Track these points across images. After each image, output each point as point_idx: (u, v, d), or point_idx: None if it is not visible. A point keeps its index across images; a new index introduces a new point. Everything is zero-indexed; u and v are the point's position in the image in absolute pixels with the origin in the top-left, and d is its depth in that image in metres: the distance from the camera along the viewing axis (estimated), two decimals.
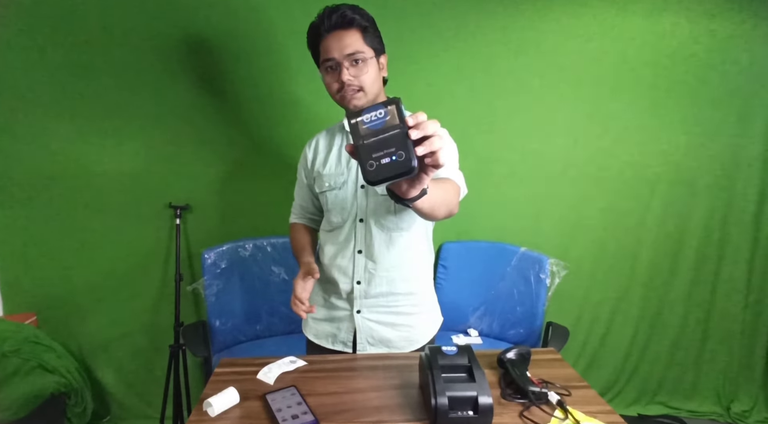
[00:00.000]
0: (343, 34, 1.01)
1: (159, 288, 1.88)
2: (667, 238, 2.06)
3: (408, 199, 0.73)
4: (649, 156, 1.98)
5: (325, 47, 1.03)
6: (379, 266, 1.11)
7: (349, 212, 1.11)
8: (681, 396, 2.17)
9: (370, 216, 1.10)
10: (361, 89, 1.03)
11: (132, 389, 1.93)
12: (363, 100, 1.04)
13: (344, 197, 1.11)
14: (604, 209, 2.01)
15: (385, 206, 1.10)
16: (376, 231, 1.10)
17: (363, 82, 1.02)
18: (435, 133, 0.62)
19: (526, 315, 1.83)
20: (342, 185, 1.11)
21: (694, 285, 2.09)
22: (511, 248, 1.90)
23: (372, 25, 1.05)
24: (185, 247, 1.86)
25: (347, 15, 1.01)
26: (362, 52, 1.02)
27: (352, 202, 1.11)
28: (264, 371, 1.02)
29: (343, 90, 1.03)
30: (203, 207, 1.85)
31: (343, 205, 1.11)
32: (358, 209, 1.11)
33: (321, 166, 1.14)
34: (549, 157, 1.95)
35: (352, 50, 1.01)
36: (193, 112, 1.77)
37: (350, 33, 1.01)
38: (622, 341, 2.13)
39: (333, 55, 1.02)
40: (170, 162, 1.80)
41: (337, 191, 1.11)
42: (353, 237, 1.12)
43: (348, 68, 1.02)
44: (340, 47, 1.01)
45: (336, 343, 1.18)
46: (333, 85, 1.04)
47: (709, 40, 1.87)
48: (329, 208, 1.13)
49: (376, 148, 0.62)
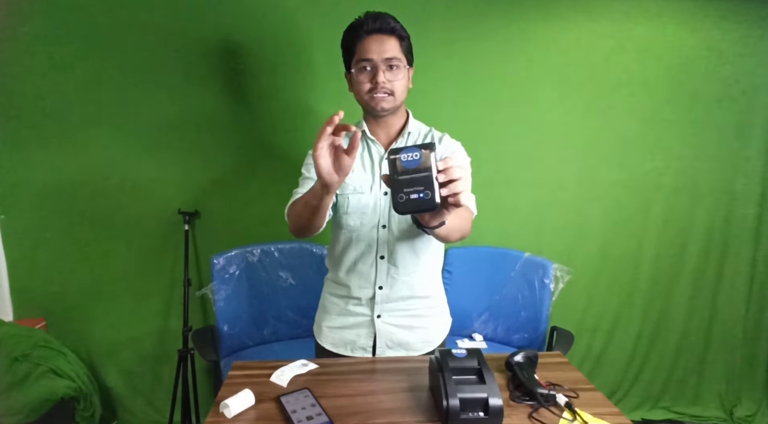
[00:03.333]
0: (383, 39, 1.07)
1: (167, 293, 1.91)
2: (669, 244, 2.08)
3: (429, 227, 0.86)
4: (650, 163, 2.01)
5: (363, 47, 1.07)
6: (401, 271, 1.15)
7: (370, 217, 1.14)
8: (684, 401, 2.18)
9: (394, 223, 1.13)
10: (392, 94, 1.08)
11: (139, 393, 1.95)
12: (391, 104, 1.09)
13: (367, 202, 1.14)
14: (606, 215, 2.04)
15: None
16: (400, 237, 1.13)
17: (395, 87, 1.08)
18: (459, 178, 0.73)
19: (530, 320, 1.85)
20: (366, 190, 1.14)
21: (696, 291, 2.12)
22: (515, 253, 1.93)
23: (408, 38, 1.11)
24: (193, 253, 1.89)
25: (390, 22, 1.08)
26: (399, 59, 1.07)
27: (375, 208, 1.14)
28: (277, 374, 1.04)
29: (374, 90, 1.07)
30: (211, 213, 1.88)
31: (364, 210, 1.14)
32: (381, 215, 1.14)
33: None
34: (552, 165, 1.99)
35: (390, 55, 1.06)
36: (205, 121, 1.80)
37: (390, 39, 1.07)
38: (626, 347, 2.15)
39: (371, 56, 1.06)
40: (180, 170, 1.83)
41: (360, 195, 1.13)
42: (375, 242, 1.15)
43: (384, 71, 1.07)
44: (379, 50, 1.06)
45: (356, 350, 1.20)
46: (365, 84, 1.08)
47: (708, 50, 1.91)
48: (349, 211, 1.14)
49: (407, 184, 0.73)
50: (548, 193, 2.01)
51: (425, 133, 1.20)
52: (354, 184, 1.14)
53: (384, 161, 1.16)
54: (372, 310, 1.18)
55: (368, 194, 1.14)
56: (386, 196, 1.15)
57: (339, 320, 1.21)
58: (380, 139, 1.17)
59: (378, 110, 1.10)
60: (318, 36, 1.77)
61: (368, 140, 1.17)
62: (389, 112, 1.13)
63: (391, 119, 1.16)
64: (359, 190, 1.14)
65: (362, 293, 1.17)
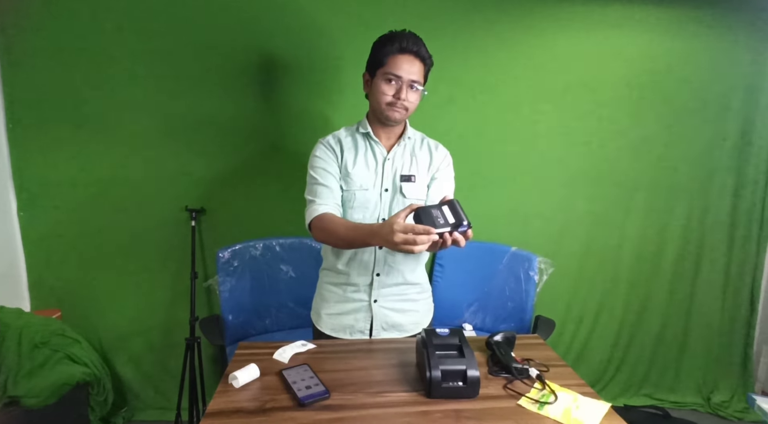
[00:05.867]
0: (414, 61, 1.20)
1: (174, 285, 2.01)
2: (648, 239, 2.20)
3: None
4: (632, 162, 2.13)
5: (395, 63, 1.19)
6: (397, 259, 1.29)
7: (372, 211, 1.27)
8: (664, 389, 2.29)
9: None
10: (407, 110, 1.23)
11: (149, 381, 2.06)
12: (403, 117, 1.24)
13: (369, 198, 1.27)
14: (588, 211, 2.16)
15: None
16: None
17: (410, 106, 1.23)
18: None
19: (516, 310, 1.97)
20: (370, 187, 1.26)
21: (675, 284, 2.23)
22: (502, 247, 2.04)
23: (432, 64, 1.26)
24: (199, 247, 2.00)
25: (423, 50, 1.21)
26: (420, 83, 1.23)
27: (376, 203, 1.27)
28: (279, 352, 1.15)
29: (394, 105, 1.21)
30: (216, 210, 1.99)
31: (367, 205, 1.27)
32: (381, 210, 1.27)
33: (350, 166, 1.26)
34: (538, 163, 2.10)
35: (416, 78, 1.21)
36: (209, 122, 1.91)
37: (419, 63, 1.21)
38: (608, 337, 2.26)
39: (400, 74, 1.19)
40: (187, 169, 1.93)
41: (364, 192, 1.26)
42: None
43: (407, 90, 1.20)
44: (409, 70, 1.20)
45: (354, 333, 1.32)
46: (387, 96, 1.21)
47: (682, 57, 2.03)
48: (354, 205, 1.26)
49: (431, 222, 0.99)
50: (534, 191, 2.12)
51: (420, 139, 1.35)
52: (360, 182, 1.27)
53: (387, 162, 1.29)
54: (369, 295, 1.30)
55: (371, 191, 1.27)
56: (387, 193, 1.28)
57: (338, 307, 1.32)
58: (383, 142, 1.30)
59: (391, 120, 1.24)
60: (346, 49, 1.88)
61: (372, 141, 1.30)
62: (397, 123, 1.28)
63: (395, 127, 1.30)
64: (364, 187, 1.26)
65: (361, 279, 1.29)
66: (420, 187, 1.28)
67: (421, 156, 1.31)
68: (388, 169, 1.28)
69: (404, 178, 1.27)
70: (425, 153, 1.32)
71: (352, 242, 1.14)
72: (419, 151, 1.31)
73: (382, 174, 1.27)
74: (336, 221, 1.16)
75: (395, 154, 1.29)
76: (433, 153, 1.32)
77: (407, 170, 1.28)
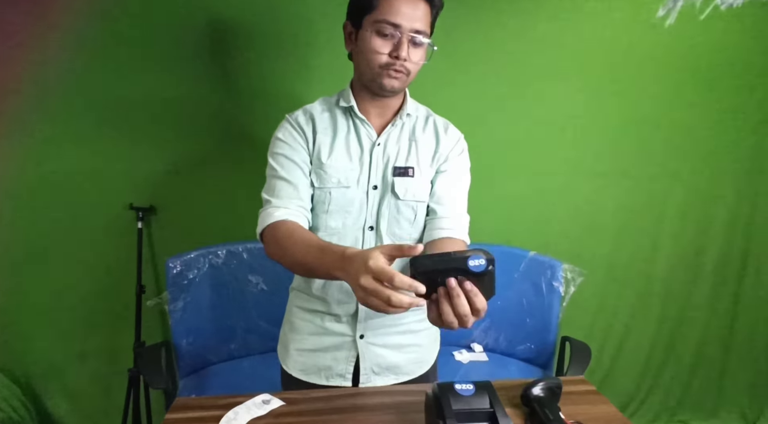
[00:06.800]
0: (418, 3, 0.85)
1: (120, 303, 1.64)
2: (687, 242, 1.88)
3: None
4: (667, 152, 1.80)
5: (392, 7, 0.83)
6: None
7: (356, 216, 0.93)
8: (703, 414, 1.99)
9: (383, 223, 0.93)
10: (408, 74, 0.88)
11: (89, 419, 1.69)
12: (402, 85, 0.90)
13: (352, 198, 0.92)
14: (617, 210, 1.83)
15: (405, 214, 0.93)
16: (387, 241, 0.93)
17: (413, 68, 0.89)
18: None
19: (537, 328, 1.63)
20: (353, 184, 0.92)
21: (716, 293, 1.92)
22: (518, 252, 1.70)
23: (442, 6, 0.90)
24: (150, 254, 1.63)
25: None
26: (426, 34, 0.87)
27: (361, 206, 0.93)
28: (228, 418, 0.80)
29: (392, 66, 0.86)
30: (169, 209, 1.62)
31: (349, 208, 0.92)
32: (368, 215, 0.93)
33: (325, 154, 0.92)
34: (558, 154, 1.76)
35: (421, 27, 0.85)
36: (159, 104, 1.54)
37: (424, 5, 0.86)
38: (639, 356, 1.94)
39: (400, 22, 0.84)
40: (130, 159, 1.56)
41: (345, 190, 0.91)
42: (361, 248, 0.93)
43: (408, 46, 0.85)
44: (411, 16, 0.84)
45: (332, 377, 0.97)
46: (381, 55, 0.85)
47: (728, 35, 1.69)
48: (330, 209, 0.92)
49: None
50: (555, 185, 1.78)
51: (424, 118, 0.99)
52: (338, 176, 0.91)
53: (376, 148, 0.94)
54: (354, 329, 0.95)
55: (354, 189, 0.92)
56: (376, 191, 0.93)
57: (311, 341, 0.97)
58: (372, 121, 0.95)
59: (386, 89, 0.88)
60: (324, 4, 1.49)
61: (357, 120, 0.94)
62: (395, 95, 0.92)
63: (390, 100, 0.94)
64: (344, 183, 0.91)
65: (342, 308, 0.95)
66: (420, 185, 0.93)
67: (424, 141, 0.96)
68: (377, 158, 0.93)
69: (398, 171, 0.92)
70: (430, 136, 0.97)
71: (312, 270, 0.78)
72: (422, 134, 0.96)
73: (370, 165, 0.93)
74: (296, 236, 0.82)
75: (388, 137, 0.94)
76: (440, 136, 0.97)
77: (403, 160, 0.93)
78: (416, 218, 0.94)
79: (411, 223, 0.94)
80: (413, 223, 0.94)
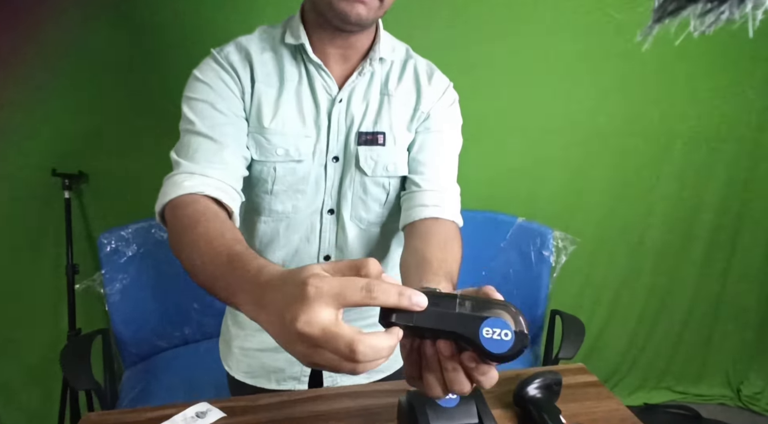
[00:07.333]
0: None
1: (54, 284, 1.43)
2: (682, 206, 1.76)
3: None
4: (664, 112, 1.64)
5: None
6: (356, 247, 0.78)
7: (311, 197, 0.73)
8: (688, 380, 1.94)
9: (346, 206, 0.74)
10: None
11: (23, 412, 1.51)
12: (373, 14, 0.64)
13: (305, 175, 0.71)
14: (611, 172, 1.69)
15: (374, 194, 0.73)
16: (352, 227, 0.75)
17: None
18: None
19: (524, 301, 1.50)
20: (306, 155, 0.70)
21: (709, 260, 1.83)
22: (505, 218, 1.55)
23: None
24: (82, 229, 1.41)
25: None
26: None
27: (318, 184, 0.72)
28: None
29: None
30: (103, 176, 1.39)
31: (301, 186, 0.71)
32: (327, 194, 0.73)
33: (268, 114, 0.68)
34: (548, 111, 1.58)
35: None
36: (87, 56, 1.28)
37: None
38: (628, 324, 1.86)
39: None
40: (53, 118, 1.31)
41: (295, 165, 0.70)
42: (317, 237, 0.75)
43: None
44: None
45: (285, 381, 0.80)
46: None
47: None
48: (275, 189, 0.71)
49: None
50: (545, 146, 1.62)
51: (402, 62, 0.75)
52: (286, 146, 0.69)
53: (336, 106, 0.71)
54: None
55: (309, 161, 0.71)
56: (337, 164, 0.72)
57: (258, 339, 0.79)
58: (332, 67, 0.71)
59: (349, 20, 0.63)
60: None
61: (310, 65, 0.70)
62: (362, 28, 0.67)
63: (357, 37, 0.69)
64: (294, 155, 0.70)
65: None
66: (394, 156, 0.72)
67: (401, 95, 0.73)
68: (338, 119, 0.71)
69: (364, 138, 0.71)
70: (408, 88, 0.74)
71: (214, 290, 0.50)
72: (397, 87, 0.73)
73: (328, 131, 0.71)
74: (201, 227, 0.55)
75: (353, 90, 0.71)
76: (422, 87, 0.74)
77: (371, 124, 0.71)
78: (388, 197, 0.75)
79: (381, 204, 0.75)
80: (384, 204, 0.75)
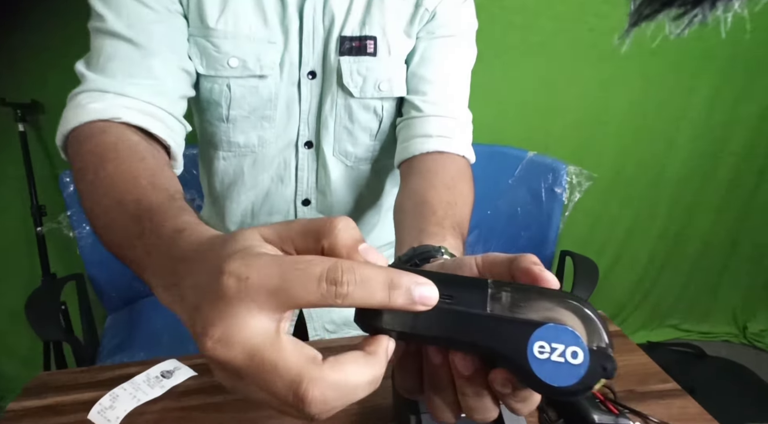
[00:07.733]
0: None
1: (24, 227, 1.34)
2: (709, 139, 1.61)
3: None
4: (701, 33, 1.42)
5: None
6: (339, 182, 0.64)
7: (283, 126, 0.58)
8: (694, 318, 1.90)
9: (327, 137, 0.58)
10: None
11: (14, 355, 1.49)
12: None
13: (272, 95, 0.55)
14: (633, 104, 1.52)
15: (362, 121, 0.58)
16: (336, 164, 0.60)
17: None
18: None
19: (533, 241, 1.39)
20: (270, 68, 0.54)
21: (728, 199, 1.71)
22: (515, 152, 1.40)
23: None
24: (45, 165, 1.28)
25: None
26: None
27: (290, 107, 0.57)
28: (102, 406, 0.53)
29: None
30: (60, 106, 1.22)
31: (267, 112, 0.56)
32: (302, 123, 0.58)
33: (214, 11, 0.51)
34: (566, 32, 1.38)
35: None
36: None
37: None
38: (638, 263, 1.78)
39: None
40: None
41: (257, 82, 0.54)
42: (292, 177, 0.61)
43: None
44: None
45: None
46: None
47: None
48: (231, 114, 0.56)
49: None
50: (558, 71, 1.44)
51: None
52: (241, 54, 0.53)
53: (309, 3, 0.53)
54: None
55: (275, 77, 0.55)
56: (313, 81, 0.56)
57: None
58: None
59: None
60: None
61: None
62: None
63: None
64: (253, 67, 0.54)
65: None
66: (389, 70, 0.56)
67: None
68: (313, 17, 0.53)
69: (349, 45, 0.54)
70: None
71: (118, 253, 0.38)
72: None
73: (300, 34, 0.54)
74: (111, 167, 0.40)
75: None
76: None
77: (357, 25, 0.54)
78: (381, 126, 0.60)
79: (372, 135, 0.60)
80: (376, 135, 0.60)
